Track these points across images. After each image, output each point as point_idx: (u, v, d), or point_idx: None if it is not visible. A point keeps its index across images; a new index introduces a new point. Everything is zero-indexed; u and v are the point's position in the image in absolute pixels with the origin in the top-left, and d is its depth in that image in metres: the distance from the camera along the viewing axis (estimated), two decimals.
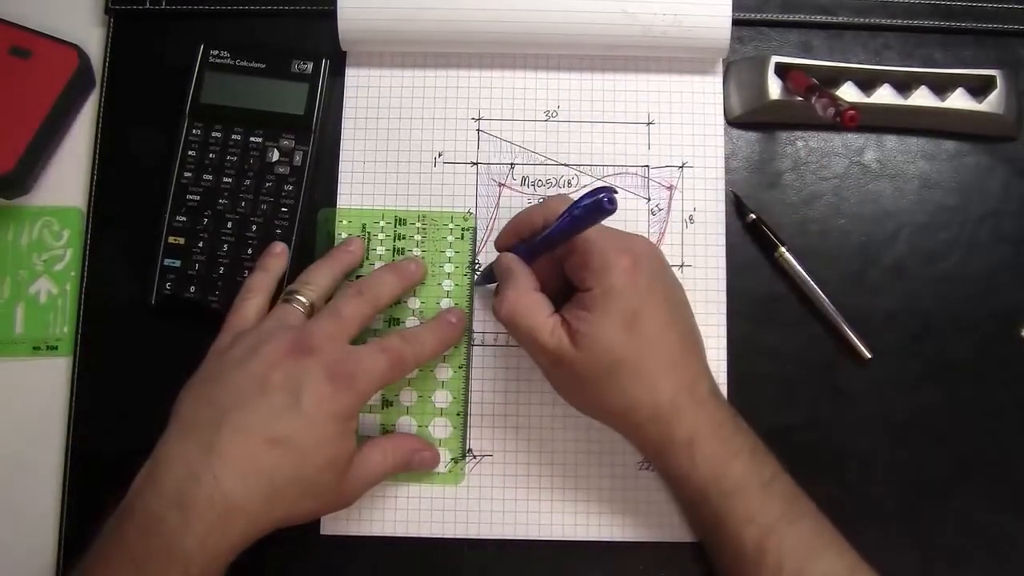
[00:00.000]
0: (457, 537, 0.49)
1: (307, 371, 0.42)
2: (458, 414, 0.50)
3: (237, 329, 0.46)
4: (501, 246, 0.49)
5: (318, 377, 0.42)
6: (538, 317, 0.44)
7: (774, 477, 0.43)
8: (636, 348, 0.43)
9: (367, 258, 0.51)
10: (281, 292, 0.48)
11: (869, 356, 0.50)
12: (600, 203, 0.40)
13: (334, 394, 0.42)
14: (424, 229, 0.51)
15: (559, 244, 0.44)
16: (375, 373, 0.43)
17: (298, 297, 0.46)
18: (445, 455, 0.50)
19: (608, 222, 0.42)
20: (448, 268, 0.51)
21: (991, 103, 0.52)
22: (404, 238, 0.51)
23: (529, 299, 0.44)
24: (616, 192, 0.40)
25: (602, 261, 0.43)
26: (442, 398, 0.50)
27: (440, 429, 0.50)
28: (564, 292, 0.46)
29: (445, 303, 0.51)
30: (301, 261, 0.51)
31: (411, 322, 0.50)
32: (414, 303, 0.51)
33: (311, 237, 0.51)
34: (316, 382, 0.42)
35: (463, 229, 0.51)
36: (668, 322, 0.44)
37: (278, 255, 0.49)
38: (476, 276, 0.51)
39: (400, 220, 0.51)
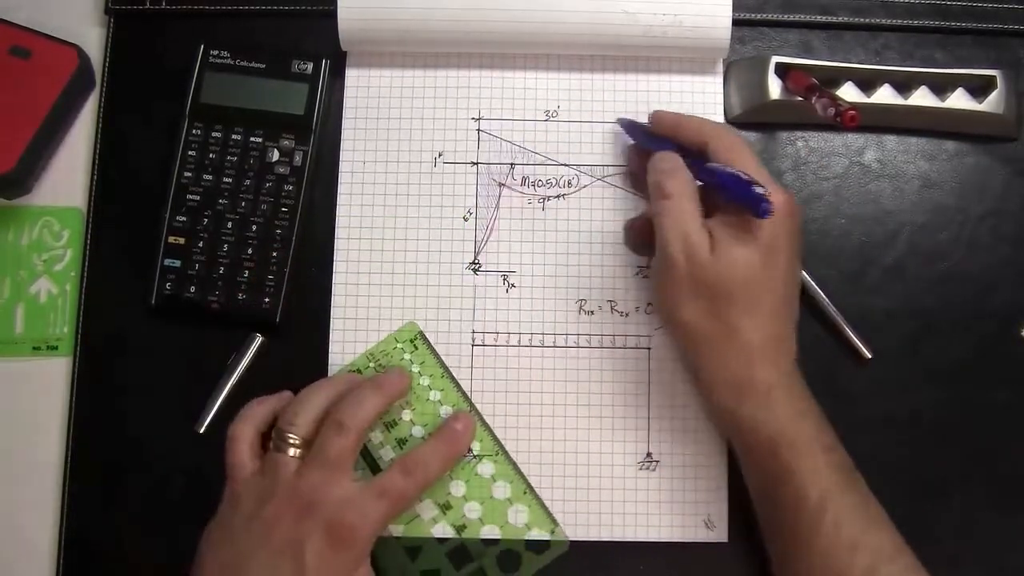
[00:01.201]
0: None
1: (308, 533, 0.42)
2: (524, 492, 0.49)
3: (241, 477, 0.45)
4: (660, 124, 0.49)
5: (319, 539, 0.42)
6: (693, 213, 0.44)
7: (835, 445, 0.44)
8: (759, 281, 0.44)
9: None
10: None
11: (870, 356, 0.50)
12: (758, 210, 0.42)
13: (335, 555, 0.42)
14: (378, 361, 0.50)
15: (706, 181, 0.46)
16: (376, 521, 0.43)
17: (289, 439, 0.44)
18: (541, 536, 0.49)
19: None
20: (425, 381, 0.50)
21: (991, 103, 0.52)
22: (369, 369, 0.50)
23: (690, 193, 0.45)
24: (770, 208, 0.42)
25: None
26: (500, 491, 0.49)
27: (519, 515, 0.49)
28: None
29: (445, 411, 0.49)
30: (302, 261, 0.51)
31: (415, 431, 0.49)
32: (406, 416, 0.49)
33: (311, 238, 0.51)
34: (317, 544, 0.42)
35: (411, 340, 0.50)
36: (789, 272, 0.45)
37: (278, 399, 0.48)
38: (622, 118, 0.52)
39: (358, 369, 0.50)
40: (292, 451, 0.44)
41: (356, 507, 0.43)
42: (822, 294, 0.51)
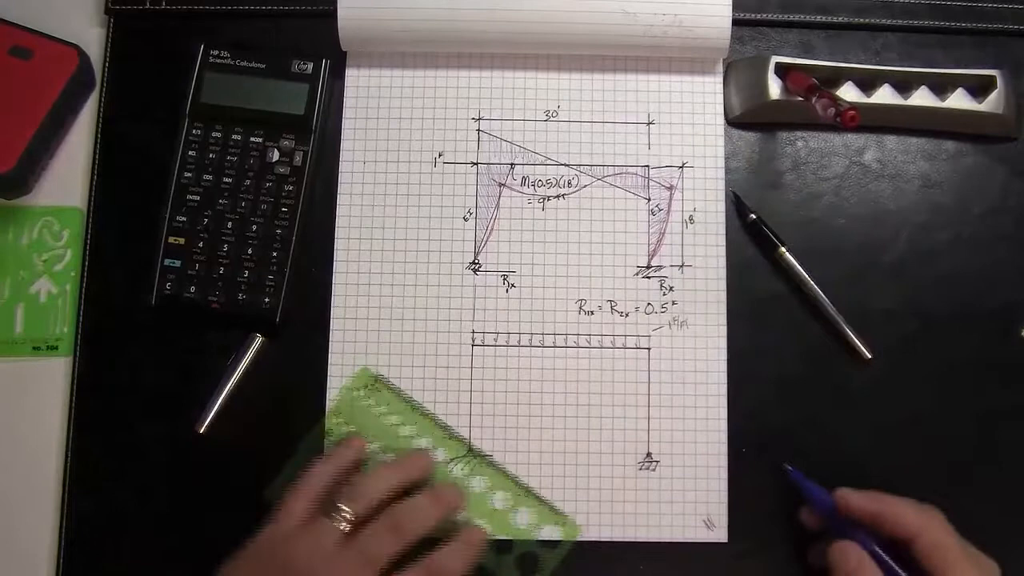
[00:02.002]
0: None
1: None
2: (524, 495, 0.49)
3: (283, 527, 0.44)
4: (848, 508, 0.46)
5: None
6: None
7: None
8: None
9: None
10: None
11: (869, 356, 0.50)
12: None
13: None
14: (344, 417, 0.50)
15: None
16: None
17: (344, 514, 0.44)
18: (553, 532, 0.49)
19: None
20: (394, 419, 0.50)
21: (991, 103, 0.52)
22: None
23: None
24: None
25: None
26: (500, 502, 0.49)
27: (526, 518, 0.49)
28: None
29: (423, 443, 0.50)
30: (302, 261, 0.51)
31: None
32: (385, 457, 0.49)
33: (311, 238, 0.51)
34: None
35: (368, 386, 0.50)
36: None
37: (354, 451, 0.48)
38: (796, 473, 0.48)
39: (330, 430, 0.50)
40: (342, 525, 0.44)
41: None
42: (822, 294, 0.51)
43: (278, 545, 0.44)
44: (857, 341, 0.50)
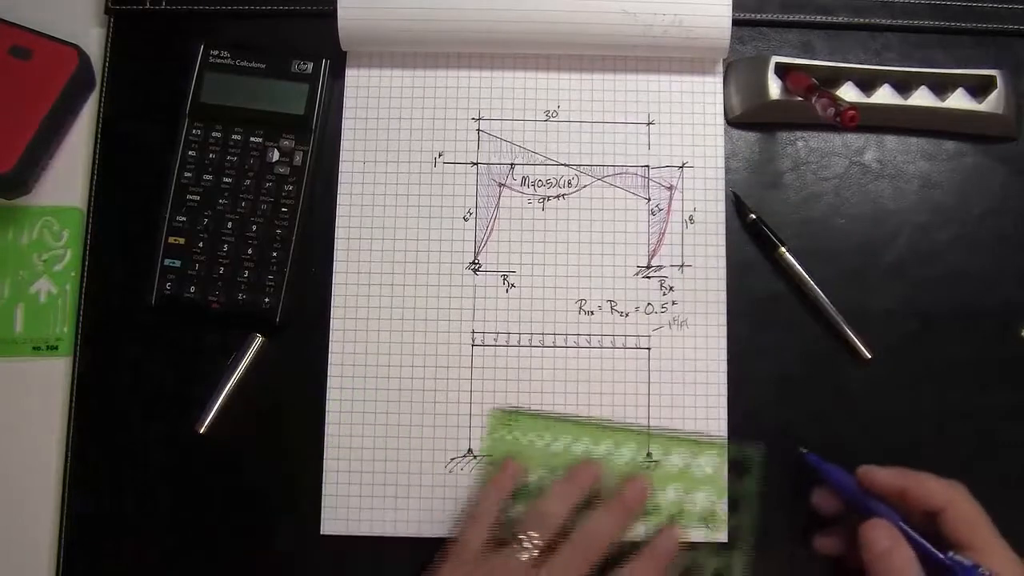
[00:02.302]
0: None
1: None
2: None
3: (465, 561, 0.45)
4: (872, 485, 0.45)
5: None
6: None
7: None
8: None
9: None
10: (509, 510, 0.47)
11: (869, 356, 0.50)
12: None
13: None
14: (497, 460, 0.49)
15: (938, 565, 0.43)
16: None
17: (533, 543, 0.44)
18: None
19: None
20: (546, 439, 0.50)
21: (991, 103, 0.52)
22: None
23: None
24: None
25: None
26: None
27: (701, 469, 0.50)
28: None
29: (581, 448, 0.50)
30: (302, 262, 0.51)
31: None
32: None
33: (311, 238, 0.51)
34: None
35: (507, 424, 0.50)
36: None
37: (512, 475, 0.48)
38: (812, 457, 0.48)
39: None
40: (527, 555, 0.44)
41: None
42: (822, 294, 0.51)
43: None
44: (857, 341, 0.50)
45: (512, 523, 0.46)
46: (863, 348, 0.50)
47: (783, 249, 0.51)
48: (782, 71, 0.52)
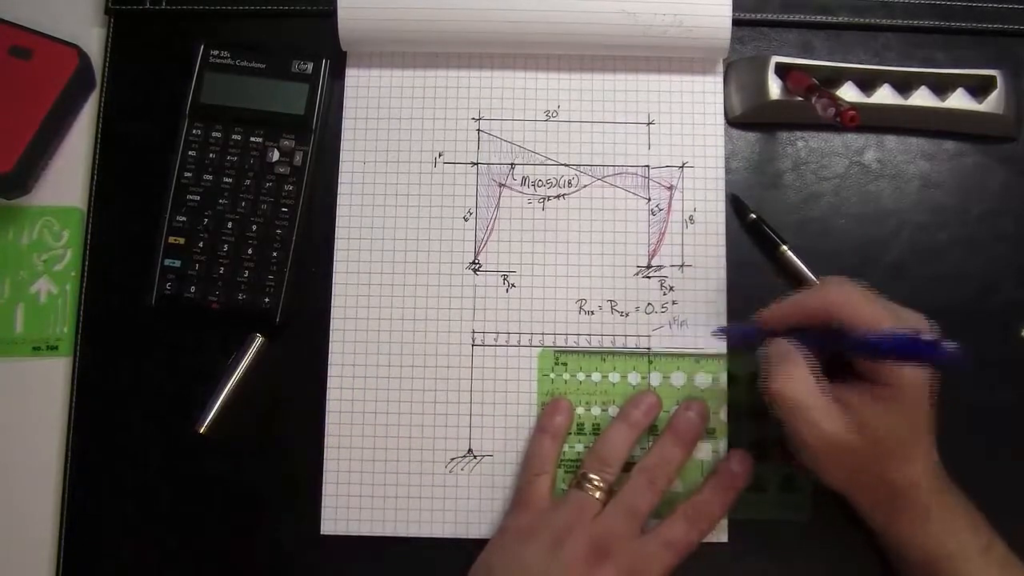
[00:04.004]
0: (457, 537, 0.49)
1: None
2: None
3: (535, 507, 0.46)
4: (769, 323, 0.46)
5: None
6: (816, 401, 0.43)
7: (991, 543, 0.44)
8: (910, 437, 0.44)
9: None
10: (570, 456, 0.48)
11: None
12: (943, 358, 0.40)
13: None
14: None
15: (859, 355, 0.44)
16: (662, 571, 0.44)
17: (596, 483, 0.46)
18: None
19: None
20: (596, 377, 0.50)
21: (991, 103, 0.52)
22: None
23: (807, 385, 0.43)
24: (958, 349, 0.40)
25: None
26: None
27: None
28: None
29: (633, 378, 0.50)
30: (302, 262, 0.51)
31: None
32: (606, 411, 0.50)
33: (311, 238, 0.51)
34: None
35: (554, 365, 0.50)
36: (930, 415, 0.45)
37: (563, 411, 0.49)
38: (719, 330, 0.50)
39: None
40: (598, 494, 0.45)
41: (647, 557, 0.44)
42: None
43: (538, 525, 0.45)
44: None
45: (575, 463, 0.47)
46: None
47: (784, 247, 0.51)
48: (782, 71, 0.52)
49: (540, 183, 0.52)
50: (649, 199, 0.52)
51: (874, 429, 0.43)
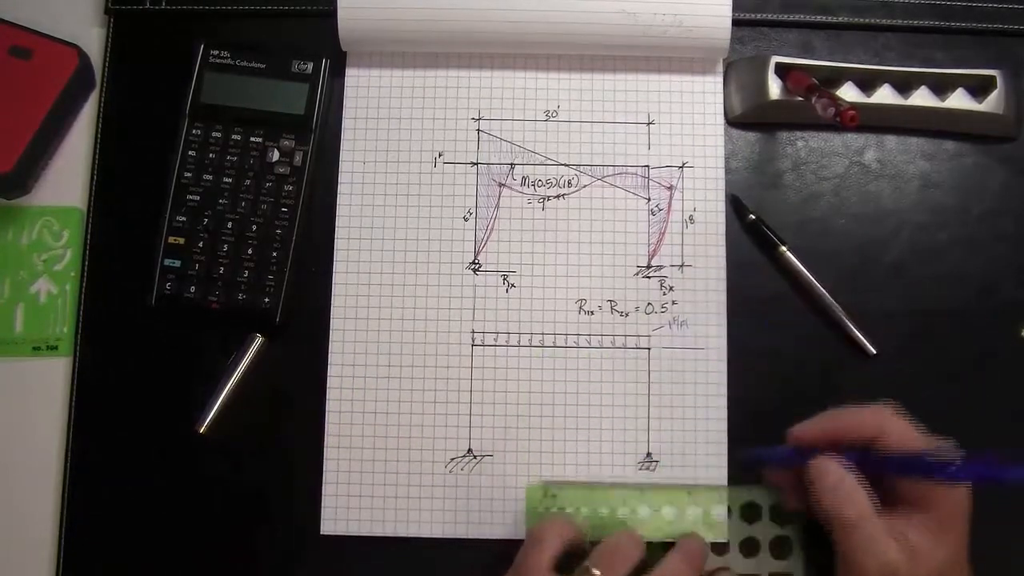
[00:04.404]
0: (457, 537, 0.49)
1: None
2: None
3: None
4: (803, 441, 0.45)
5: None
6: (876, 524, 0.42)
7: None
8: (958, 570, 0.43)
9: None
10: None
11: (875, 352, 0.50)
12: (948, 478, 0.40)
13: None
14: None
15: (906, 475, 0.43)
16: None
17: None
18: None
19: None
20: (585, 511, 0.48)
21: (991, 103, 0.52)
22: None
23: (867, 507, 0.42)
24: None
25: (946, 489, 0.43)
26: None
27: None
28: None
29: (623, 513, 0.48)
30: (302, 262, 0.51)
31: None
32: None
33: (311, 238, 0.51)
34: None
35: (543, 498, 0.48)
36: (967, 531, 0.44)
37: (572, 524, 0.46)
38: (750, 455, 0.48)
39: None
40: None
41: None
42: (824, 291, 0.50)
43: None
44: (862, 337, 0.50)
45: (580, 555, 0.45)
46: (868, 344, 0.50)
47: (783, 248, 0.51)
48: (782, 71, 0.52)
49: (540, 183, 0.52)
50: (649, 199, 0.52)
51: (927, 560, 0.42)
